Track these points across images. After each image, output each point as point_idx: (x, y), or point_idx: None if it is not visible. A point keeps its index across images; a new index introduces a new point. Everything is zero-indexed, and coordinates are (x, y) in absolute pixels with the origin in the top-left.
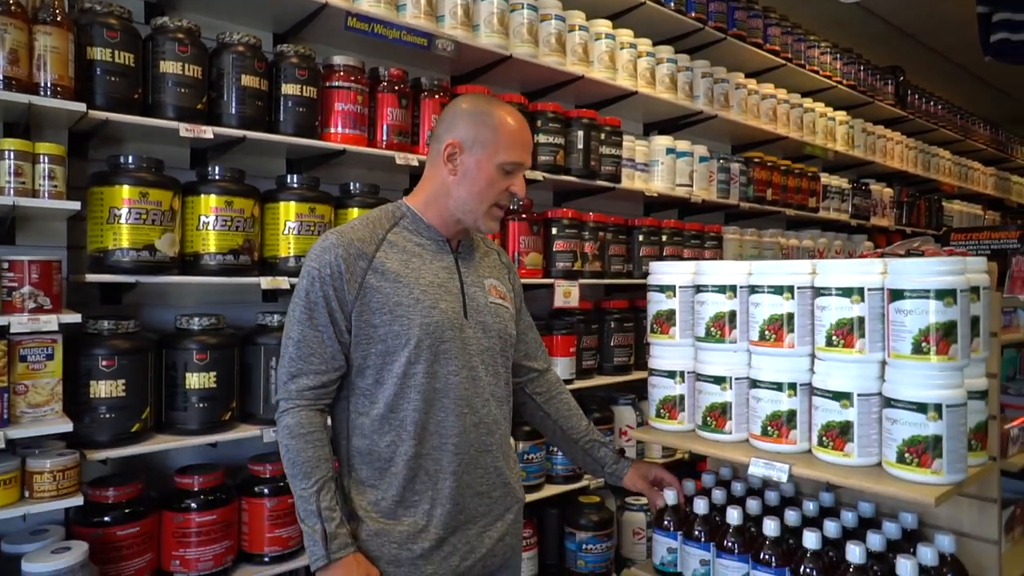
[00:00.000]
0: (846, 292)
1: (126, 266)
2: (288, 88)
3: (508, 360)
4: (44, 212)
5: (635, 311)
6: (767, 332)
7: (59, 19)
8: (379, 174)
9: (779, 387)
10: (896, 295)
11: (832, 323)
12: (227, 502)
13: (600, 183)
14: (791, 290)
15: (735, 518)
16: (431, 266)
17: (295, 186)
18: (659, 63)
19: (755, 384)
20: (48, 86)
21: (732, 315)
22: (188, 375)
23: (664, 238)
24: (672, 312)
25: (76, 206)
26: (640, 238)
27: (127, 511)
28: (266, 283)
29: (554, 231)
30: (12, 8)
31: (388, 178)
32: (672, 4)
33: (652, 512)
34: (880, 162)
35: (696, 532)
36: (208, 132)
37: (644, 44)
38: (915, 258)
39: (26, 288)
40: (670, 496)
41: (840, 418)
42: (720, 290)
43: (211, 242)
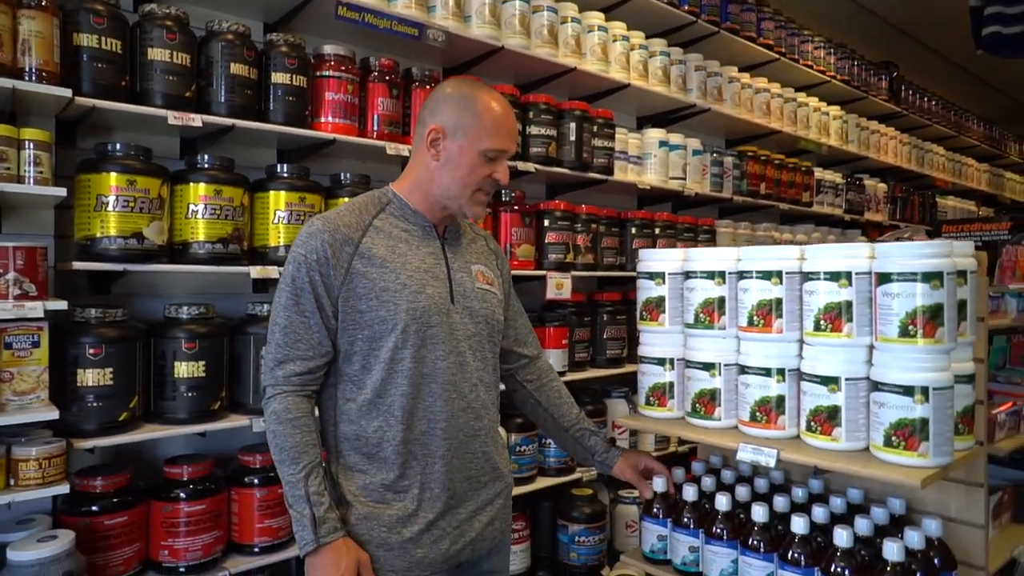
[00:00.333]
0: (834, 276)
1: (113, 254)
2: (278, 77)
3: (496, 346)
4: (30, 199)
5: (628, 304)
6: (756, 318)
7: (44, 3)
8: (371, 165)
9: (767, 373)
10: (883, 278)
11: (820, 308)
12: (216, 492)
13: (593, 175)
14: (779, 275)
15: (724, 504)
16: (417, 252)
17: (285, 175)
18: (652, 56)
19: (744, 370)
20: (33, 71)
21: (721, 301)
22: (177, 364)
23: (657, 231)
24: (661, 299)
25: (62, 192)
26: (633, 231)
27: (115, 500)
28: (256, 272)
29: (546, 223)
30: None
31: (380, 169)
32: None
33: (642, 501)
34: (874, 157)
35: (685, 519)
36: (197, 120)
37: (637, 37)
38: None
39: (11, 275)
40: (659, 484)
41: (828, 403)
42: (709, 276)
43: (200, 231)
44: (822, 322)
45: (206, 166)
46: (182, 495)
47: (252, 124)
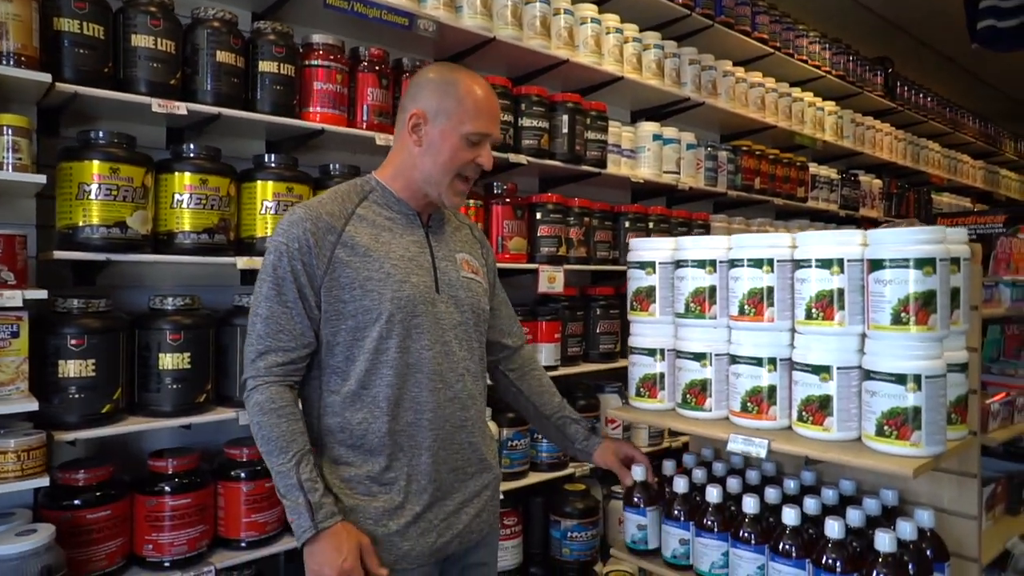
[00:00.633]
0: (826, 264)
1: (96, 243)
2: (265, 66)
3: (482, 335)
4: (9, 186)
5: (621, 298)
6: (747, 307)
7: None
8: (361, 156)
9: (759, 362)
10: (876, 265)
11: (812, 296)
12: (202, 486)
13: (586, 168)
14: (770, 263)
15: (714, 496)
16: (401, 240)
17: (272, 165)
18: (646, 49)
19: (735, 360)
20: (10, 55)
21: (712, 290)
22: (161, 356)
23: (651, 225)
24: (652, 289)
25: (41, 179)
26: (626, 224)
27: (98, 494)
28: (242, 263)
29: (538, 216)
30: None
31: (369, 160)
32: None
33: (623, 489)
34: (869, 153)
35: (675, 511)
36: (182, 108)
37: (631, 29)
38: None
39: None
40: (639, 473)
41: (819, 392)
42: (700, 265)
43: (185, 220)
44: (814, 310)
45: (191, 155)
46: (167, 489)
47: (239, 113)
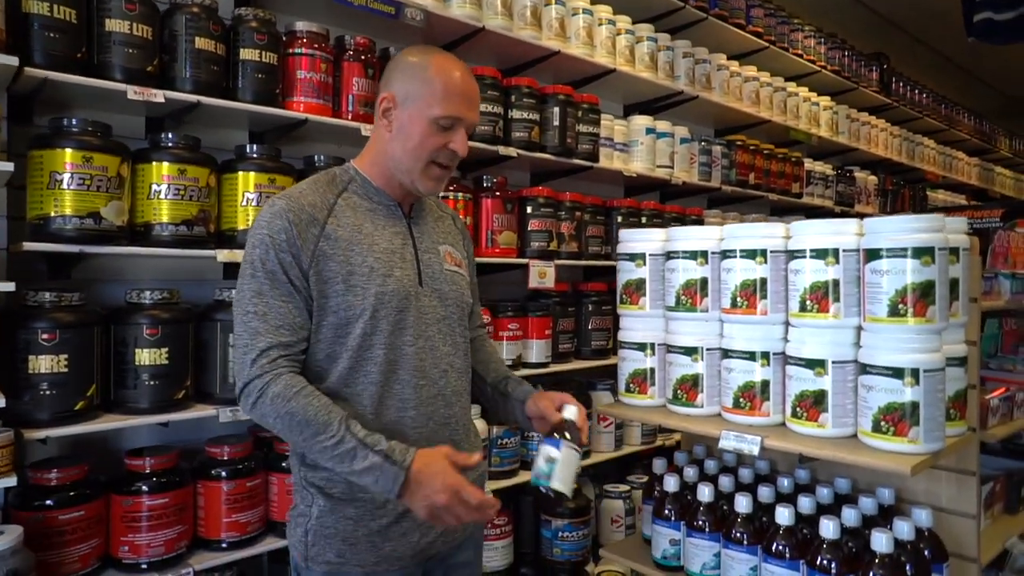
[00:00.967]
0: (820, 254)
1: (69, 234)
2: (247, 53)
3: (466, 330)
4: None
5: (614, 294)
6: (739, 299)
7: None
8: (347, 148)
9: (752, 356)
10: (872, 255)
11: (806, 287)
12: (181, 485)
13: (577, 162)
14: (763, 254)
15: (706, 495)
16: (384, 232)
17: (254, 156)
18: (639, 41)
19: (727, 354)
20: None
21: (703, 282)
22: (138, 351)
23: (643, 220)
24: (642, 281)
25: (8, 167)
26: (619, 219)
27: (71, 494)
28: (223, 256)
29: (529, 210)
30: None
31: (355, 152)
32: None
33: (557, 433)
34: (864, 149)
35: (666, 511)
36: (159, 96)
37: (623, 21)
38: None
39: None
40: (570, 411)
41: (814, 387)
42: (691, 256)
43: (163, 212)
44: (808, 302)
45: (169, 144)
46: (144, 488)
47: (219, 102)
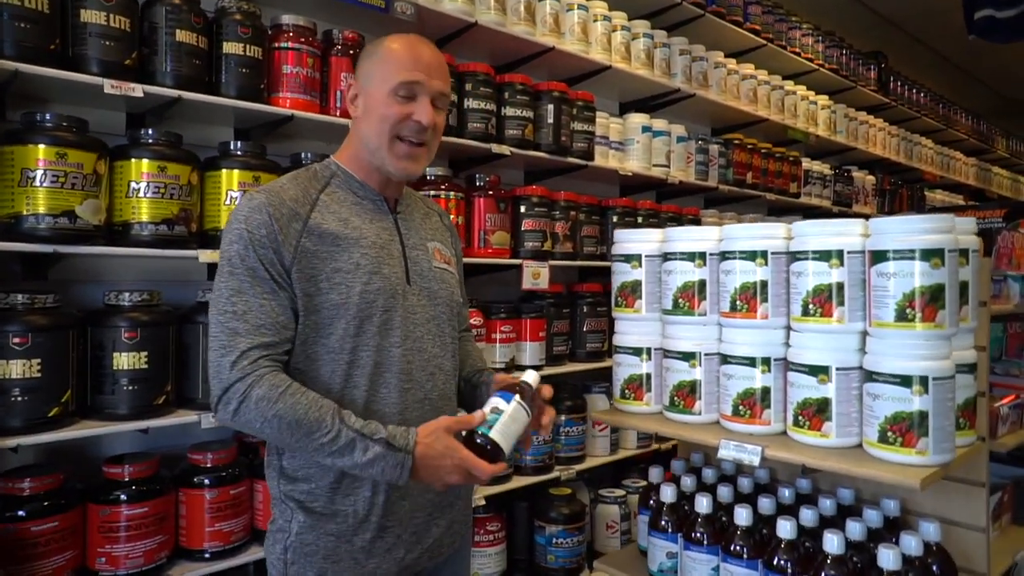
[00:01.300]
0: (824, 256)
1: (42, 234)
2: (230, 47)
3: (455, 331)
4: None
5: (609, 295)
6: (739, 302)
7: None
8: (336, 146)
9: (752, 362)
10: (878, 257)
11: (809, 290)
12: (161, 493)
13: (572, 160)
14: (764, 256)
15: (704, 507)
16: (371, 227)
17: (239, 153)
18: (635, 38)
19: (726, 360)
20: None
21: (701, 285)
22: (116, 355)
23: (639, 219)
24: (638, 283)
25: None
26: (614, 219)
27: (45, 504)
28: (205, 256)
29: (523, 209)
30: None
31: None
32: None
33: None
34: (863, 148)
35: (663, 522)
36: (137, 90)
37: (619, 17)
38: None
39: None
40: (529, 375)
41: (817, 395)
42: (688, 258)
43: (142, 211)
44: (811, 306)
45: (149, 140)
46: (122, 497)
47: (200, 97)
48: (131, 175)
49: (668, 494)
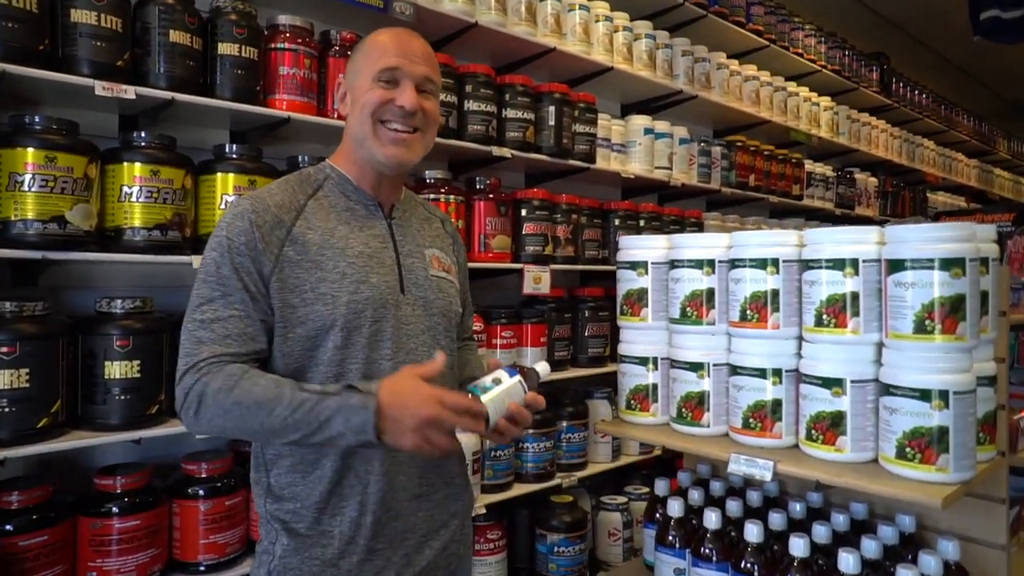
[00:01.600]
0: (838, 264)
1: (30, 239)
2: (225, 48)
3: (452, 342)
4: None
5: (611, 300)
6: (749, 312)
7: None
8: (334, 149)
9: (762, 374)
10: (895, 266)
11: (822, 300)
12: (154, 505)
13: (573, 163)
14: (775, 264)
15: (713, 522)
16: (360, 235)
17: (234, 156)
18: (637, 39)
19: (736, 371)
20: None
21: (710, 293)
22: (108, 364)
23: (642, 223)
24: (644, 291)
25: None
26: (616, 222)
27: (34, 517)
28: (199, 262)
29: (524, 212)
30: None
31: None
32: None
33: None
34: (865, 150)
35: (670, 537)
36: (130, 92)
37: (621, 18)
38: (917, 224)
39: None
40: (542, 367)
41: (831, 408)
42: (696, 265)
43: (135, 216)
44: (824, 316)
45: (142, 143)
46: (114, 509)
47: (194, 99)
48: (123, 179)
49: (675, 508)
